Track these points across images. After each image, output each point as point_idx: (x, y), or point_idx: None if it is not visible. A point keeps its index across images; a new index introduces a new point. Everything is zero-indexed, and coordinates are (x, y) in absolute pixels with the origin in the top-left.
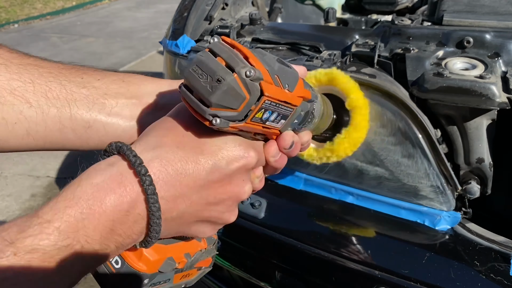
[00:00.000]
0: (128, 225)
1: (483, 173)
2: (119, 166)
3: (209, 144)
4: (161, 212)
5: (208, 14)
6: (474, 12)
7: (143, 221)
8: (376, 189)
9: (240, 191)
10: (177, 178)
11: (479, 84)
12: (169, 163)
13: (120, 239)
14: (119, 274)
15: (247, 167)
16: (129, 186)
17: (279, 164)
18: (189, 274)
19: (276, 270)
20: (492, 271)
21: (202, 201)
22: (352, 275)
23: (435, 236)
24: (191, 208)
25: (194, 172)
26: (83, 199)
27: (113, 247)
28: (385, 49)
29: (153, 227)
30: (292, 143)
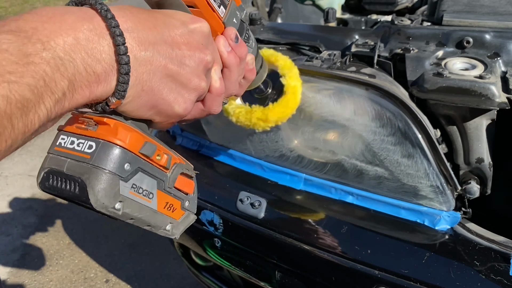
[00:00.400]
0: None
1: (482, 173)
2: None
3: (162, 11)
4: (128, 48)
5: None
6: (473, 12)
7: (109, 46)
8: (376, 189)
9: (202, 54)
10: (136, 19)
11: (478, 84)
12: (126, 9)
13: (88, 59)
14: (96, 155)
15: (203, 30)
16: (93, 16)
17: (232, 60)
18: (173, 205)
19: (276, 270)
20: (492, 271)
21: (166, 50)
22: (352, 275)
23: (435, 236)
24: (158, 54)
25: (151, 19)
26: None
27: (81, 67)
28: (385, 49)
29: (120, 55)
30: (236, 36)
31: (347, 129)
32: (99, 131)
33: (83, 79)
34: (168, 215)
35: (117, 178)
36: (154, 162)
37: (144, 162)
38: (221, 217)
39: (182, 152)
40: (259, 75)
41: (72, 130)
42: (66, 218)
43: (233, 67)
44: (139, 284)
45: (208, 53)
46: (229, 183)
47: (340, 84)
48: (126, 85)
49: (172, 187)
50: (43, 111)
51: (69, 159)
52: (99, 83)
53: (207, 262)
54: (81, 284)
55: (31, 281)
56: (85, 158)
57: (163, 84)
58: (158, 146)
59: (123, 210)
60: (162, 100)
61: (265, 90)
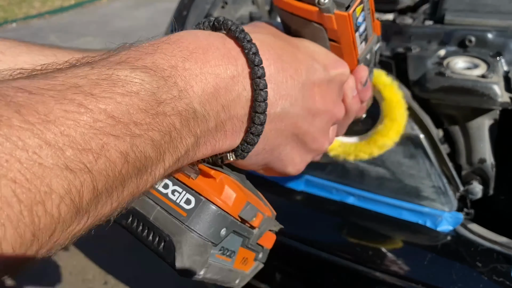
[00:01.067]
0: (231, 97)
1: (485, 174)
2: (219, 34)
3: (303, 45)
4: (267, 104)
5: (207, 13)
6: (476, 11)
7: (247, 100)
8: (378, 189)
9: (335, 110)
10: (280, 63)
11: (481, 84)
12: (269, 45)
13: (222, 114)
14: (194, 215)
15: (342, 79)
16: (233, 50)
17: (354, 105)
18: (247, 258)
19: (276, 271)
20: (494, 272)
21: (303, 103)
22: (353, 276)
23: (436, 237)
24: (293, 109)
25: (294, 63)
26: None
27: (212, 124)
28: (387, 48)
29: (257, 114)
30: (366, 78)
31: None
32: (201, 182)
33: (211, 136)
34: (240, 269)
35: (210, 245)
36: (249, 224)
37: (240, 225)
38: None
39: None
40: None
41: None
42: None
43: (351, 114)
44: (138, 285)
45: (341, 109)
46: None
47: None
48: (252, 146)
49: (255, 243)
50: (160, 170)
51: (159, 206)
52: (226, 140)
53: None
54: (80, 286)
55: (31, 282)
56: (179, 214)
57: (286, 144)
58: (257, 206)
59: (205, 275)
60: (279, 160)
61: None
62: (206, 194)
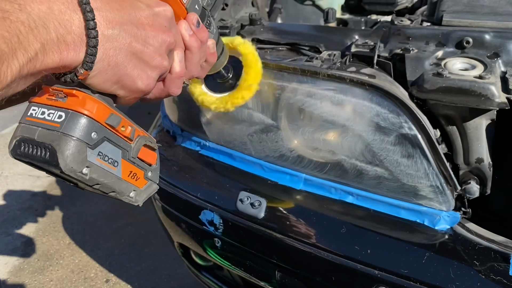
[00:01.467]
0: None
1: (482, 173)
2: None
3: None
4: (97, 22)
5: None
6: (473, 12)
7: (80, 20)
8: (376, 189)
9: (165, 35)
10: (108, 3)
11: (478, 84)
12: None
13: (60, 29)
14: (65, 123)
15: (166, 13)
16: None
17: (193, 42)
18: (136, 174)
19: (276, 270)
20: (492, 271)
21: (132, 30)
22: (352, 275)
23: (434, 236)
24: (124, 33)
25: (119, 1)
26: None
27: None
28: (385, 50)
29: (89, 29)
30: (197, 21)
31: (347, 129)
32: (69, 102)
33: (54, 45)
34: (131, 183)
35: (84, 145)
36: (119, 133)
37: (110, 132)
38: (221, 217)
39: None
40: (220, 59)
41: (43, 101)
42: (66, 218)
43: (194, 50)
44: (139, 284)
45: (171, 35)
46: (229, 183)
47: (340, 84)
48: (94, 57)
49: (135, 157)
50: (15, 65)
51: (40, 127)
52: (69, 51)
53: (207, 262)
54: (81, 284)
55: (31, 281)
56: (55, 126)
57: (127, 61)
58: (123, 119)
59: (90, 175)
60: (126, 75)
61: (227, 75)
62: (72, 108)
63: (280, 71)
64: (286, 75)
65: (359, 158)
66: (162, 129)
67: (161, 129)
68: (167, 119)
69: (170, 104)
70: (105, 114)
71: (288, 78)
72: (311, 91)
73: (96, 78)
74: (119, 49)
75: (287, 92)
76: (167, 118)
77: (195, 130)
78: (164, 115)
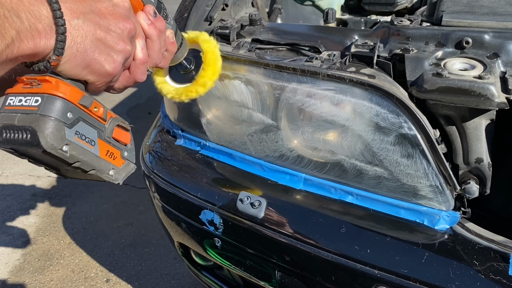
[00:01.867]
0: (35, 6)
1: (482, 173)
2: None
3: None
4: (63, 12)
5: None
6: (473, 12)
7: (47, 9)
8: (376, 188)
9: (125, 23)
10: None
11: (478, 85)
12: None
13: (32, 18)
14: (42, 106)
15: (124, 4)
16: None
17: (152, 31)
18: (113, 153)
19: (276, 269)
20: (491, 270)
21: (95, 17)
22: (352, 275)
23: (434, 235)
24: (88, 21)
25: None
26: None
27: (26, 24)
28: (384, 50)
29: (57, 18)
30: (154, 11)
31: (346, 129)
32: (43, 87)
33: (28, 33)
34: (110, 161)
35: (62, 124)
36: (92, 113)
37: (84, 113)
38: (221, 217)
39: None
40: (180, 50)
41: (19, 91)
42: (67, 217)
43: (154, 37)
44: (139, 283)
45: (131, 22)
46: (229, 183)
47: (339, 84)
48: (63, 43)
49: (110, 137)
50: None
51: (18, 113)
52: (41, 38)
53: (207, 261)
54: (82, 283)
55: (32, 280)
56: (33, 110)
57: (94, 46)
58: (94, 101)
59: (70, 152)
60: (94, 59)
61: (189, 66)
62: (47, 91)
63: (280, 71)
64: (286, 75)
65: (359, 158)
66: (162, 129)
67: (161, 129)
68: (167, 119)
69: (170, 104)
70: (77, 95)
71: (288, 78)
72: (311, 91)
73: (67, 64)
74: (85, 36)
75: (287, 92)
76: (167, 118)
77: (195, 130)
78: (164, 115)
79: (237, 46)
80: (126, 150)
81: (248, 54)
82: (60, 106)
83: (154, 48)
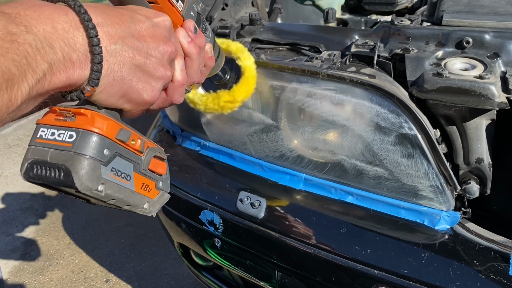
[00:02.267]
0: (70, 35)
1: (482, 173)
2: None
3: (126, 6)
4: (100, 38)
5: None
6: (473, 12)
7: (83, 37)
8: (376, 189)
9: (166, 45)
10: (105, 14)
11: (478, 84)
12: (95, 6)
13: (66, 48)
14: (77, 143)
15: (165, 23)
16: (67, 10)
17: (192, 49)
18: (148, 185)
19: (276, 270)
20: (492, 271)
21: (134, 43)
22: (352, 275)
23: (434, 235)
24: (127, 46)
25: (118, 15)
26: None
27: (60, 54)
28: (385, 50)
29: (93, 46)
30: (194, 27)
31: (347, 129)
32: (78, 121)
33: (61, 64)
34: (145, 194)
35: (98, 162)
36: (129, 147)
37: (121, 147)
38: (221, 217)
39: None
40: (217, 62)
41: (51, 122)
42: (66, 218)
43: (194, 56)
44: (139, 284)
45: (172, 45)
46: (229, 183)
47: (340, 84)
48: (99, 73)
49: (146, 169)
50: (25, 87)
51: (51, 149)
52: (75, 69)
53: (207, 262)
54: (81, 284)
55: (31, 281)
56: (66, 147)
57: (132, 74)
58: (132, 133)
59: (106, 192)
60: (132, 88)
61: (224, 76)
62: (82, 127)
63: (280, 71)
64: (286, 75)
65: (359, 158)
66: (162, 129)
67: (161, 129)
68: (167, 119)
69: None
70: (114, 130)
71: (288, 78)
72: (311, 91)
73: (102, 93)
74: (123, 63)
75: (287, 92)
76: (167, 118)
77: (195, 130)
78: (164, 115)
79: None
80: (161, 180)
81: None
82: (96, 143)
83: (193, 67)
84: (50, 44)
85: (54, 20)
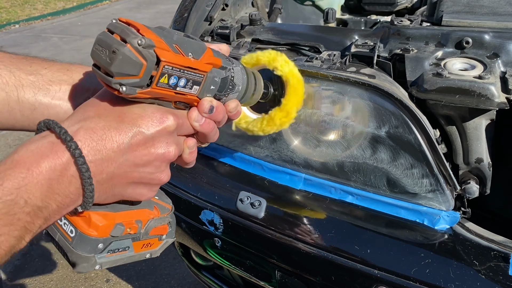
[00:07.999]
0: (64, 185)
1: (482, 173)
2: (49, 137)
3: (129, 113)
4: (91, 173)
5: (208, 15)
6: (473, 12)
7: (77, 181)
8: (376, 188)
9: (165, 152)
10: (102, 144)
11: (478, 85)
12: (92, 131)
13: (59, 198)
14: (75, 241)
15: (168, 130)
16: (59, 151)
17: (206, 128)
18: (150, 243)
19: (276, 269)
20: (491, 270)
21: (129, 163)
22: (352, 275)
23: (434, 235)
24: (119, 170)
25: (117, 137)
26: (20, 162)
27: (54, 206)
28: (385, 50)
29: (86, 187)
30: (211, 107)
31: (346, 129)
32: (76, 220)
33: (56, 213)
34: (146, 250)
35: (92, 256)
36: (125, 233)
37: (115, 238)
38: (221, 217)
39: None
40: (254, 97)
41: None
42: None
43: (208, 132)
44: (139, 283)
45: (174, 149)
46: (229, 183)
47: (340, 84)
48: (91, 199)
49: (147, 235)
50: (22, 244)
51: (58, 233)
52: (68, 207)
53: (207, 261)
54: (82, 283)
55: (32, 280)
56: (68, 240)
57: (125, 189)
58: (127, 223)
59: (103, 267)
60: (127, 196)
61: (268, 92)
62: (78, 227)
63: None
64: None
65: (358, 158)
66: None
67: None
68: None
69: None
70: (109, 228)
71: None
72: (311, 91)
73: (97, 201)
74: (114, 185)
75: None
76: None
77: None
78: None
79: (237, 46)
80: (164, 235)
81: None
82: (90, 243)
83: (208, 137)
84: (47, 204)
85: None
